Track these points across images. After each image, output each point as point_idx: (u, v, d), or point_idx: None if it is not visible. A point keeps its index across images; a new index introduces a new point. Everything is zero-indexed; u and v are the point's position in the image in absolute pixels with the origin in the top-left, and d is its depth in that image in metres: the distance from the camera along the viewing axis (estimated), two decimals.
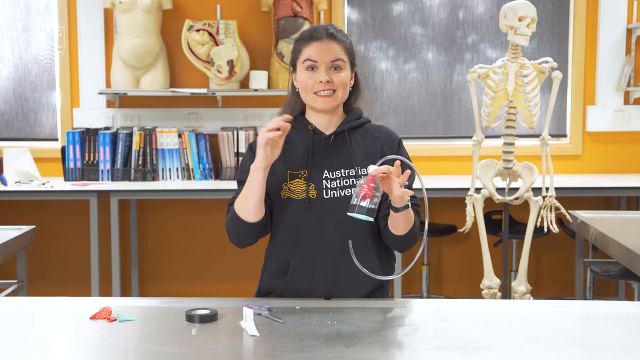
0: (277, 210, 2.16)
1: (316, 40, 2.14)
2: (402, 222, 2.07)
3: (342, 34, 2.19)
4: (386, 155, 2.07)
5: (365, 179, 1.94)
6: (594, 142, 4.83)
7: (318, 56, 2.13)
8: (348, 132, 2.21)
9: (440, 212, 4.78)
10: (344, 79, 2.15)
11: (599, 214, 3.65)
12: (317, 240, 2.13)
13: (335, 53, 2.13)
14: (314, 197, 2.14)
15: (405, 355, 1.74)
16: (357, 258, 1.99)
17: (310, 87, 2.14)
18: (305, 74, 2.14)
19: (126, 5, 4.43)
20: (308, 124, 2.21)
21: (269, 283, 2.22)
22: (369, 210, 1.92)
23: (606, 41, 4.75)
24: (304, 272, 2.15)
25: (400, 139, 2.26)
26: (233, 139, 4.55)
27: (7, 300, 2.22)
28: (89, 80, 4.72)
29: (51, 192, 4.25)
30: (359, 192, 1.92)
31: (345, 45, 2.17)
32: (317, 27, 2.18)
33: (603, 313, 2.03)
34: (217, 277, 4.88)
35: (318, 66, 2.13)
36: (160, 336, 1.84)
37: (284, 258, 2.17)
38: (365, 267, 2.03)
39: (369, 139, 2.22)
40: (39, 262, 4.75)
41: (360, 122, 2.23)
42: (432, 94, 4.89)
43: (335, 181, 2.15)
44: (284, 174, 2.16)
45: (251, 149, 2.19)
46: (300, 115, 2.23)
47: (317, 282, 2.15)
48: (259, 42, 4.70)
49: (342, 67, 2.14)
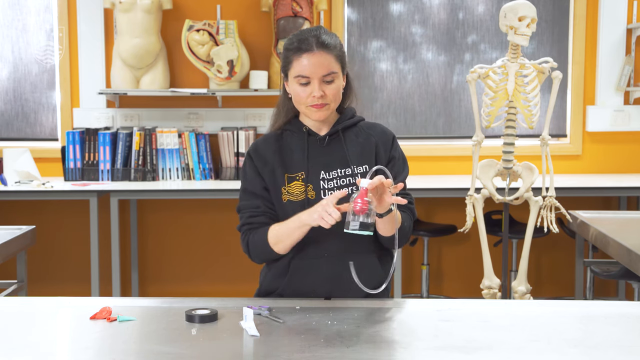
0: (280, 213, 2.17)
1: (306, 52, 2.10)
2: (387, 225, 2.08)
3: (332, 39, 2.14)
4: (380, 153, 2.17)
5: (357, 193, 1.93)
6: (594, 142, 4.83)
7: (310, 71, 2.10)
8: (342, 132, 2.21)
9: (440, 212, 4.78)
10: (336, 90, 2.14)
11: (599, 214, 3.65)
12: (317, 241, 2.14)
13: (327, 66, 2.11)
14: (312, 198, 2.14)
15: (405, 355, 1.74)
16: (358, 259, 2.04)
17: (303, 100, 2.13)
18: (298, 87, 2.13)
19: (126, 5, 4.43)
20: (302, 126, 2.22)
21: (269, 283, 2.22)
22: (366, 225, 1.92)
23: (606, 41, 4.75)
24: (304, 272, 2.16)
25: (394, 135, 2.27)
26: (233, 139, 4.55)
27: (7, 300, 2.22)
28: (89, 80, 4.72)
29: (51, 192, 4.25)
30: (354, 207, 1.92)
31: (336, 53, 2.13)
32: (307, 35, 2.13)
33: (603, 313, 2.03)
34: (217, 277, 4.88)
35: (310, 81, 2.11)
36: (160, 336, 1.85)
37: (284, 259, 2.18)
38: (366, 268, 2.08)
39: (363, 137, 2.23)
40: (39, 262, 4.75)
41: (353, 121, 2.24)
42: (432, 94, 4.89)
43: (333, 181, 2.16)
44: (282, 177, 2.17)
45: (249, 156, 2.21)
46: (295, 118, 2.24)
47: (318, 282, 2.16)
48: (259, 42, 4.70)
49: (335, 78, 2.13)
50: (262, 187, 2.18)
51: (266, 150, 2.20)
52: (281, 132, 2.24)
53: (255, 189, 2.19)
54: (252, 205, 2.18)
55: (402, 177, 2.22)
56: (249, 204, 2.19)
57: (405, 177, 2.23)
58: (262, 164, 2.19)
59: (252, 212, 2.18)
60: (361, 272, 2.02)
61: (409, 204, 2.20)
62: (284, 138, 2.22)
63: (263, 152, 2.20)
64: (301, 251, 2.15)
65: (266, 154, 2.20)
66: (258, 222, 2.17)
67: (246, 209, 2.19)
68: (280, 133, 2.24)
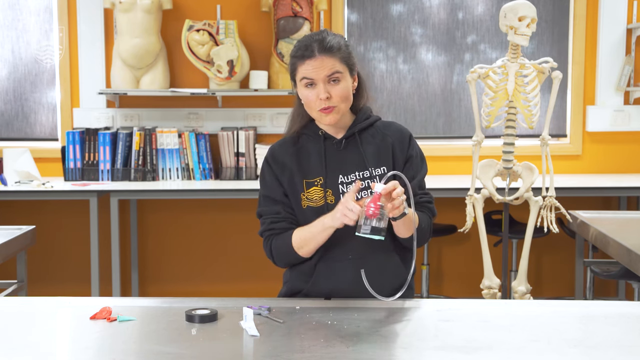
0: (300, 219, 2.18)
1: (309, 58, 2.11)
2: (402, 228, 2.09)
3: (337, 42, 2.14)
4: (397, 153, 2.19)
5: (371, 197, 1.94)
6: (594, 142, 4.83)
7: (313, 74, 2.11)
8: (358, 134, 2.21)
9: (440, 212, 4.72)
10: (343, 90, 2.13)
11: (599, 214, 3.65)
12: (342, 243, 2.14)
13: (330, 68, 2.11)
14: (332, 203, 2.15)
15: (405, 355, 1.74)
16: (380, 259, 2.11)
17: (312, 104, 2.14)
18: (305, 90, 2.14)
19: (126, 5, 4.43)
20: (318, 130, 2.22)
21: (294, 284, 2.24)
22: (377, 230, 1.92)
23: (606, 41, 4.75)
24: (329, 274, 2.18)
25: (410, 133, 2.27)
26: (233, 139, 4.55)
27: (7, 300, 2.22)
28: (89, 80, 4.72)
29: (51, 192, 4.25)
30: (366, 211, 1.92)
31: (340, 55, 2.13)
32: (310, 42, 2.13)
33: (603, 313, 2.03)
34: (217, 277, 4.88)
35: (315, 82, 2.12)
36: (160, 336, 1.85)
37: (310, 261, 2.19)
38: (388, 266, 2.14)
39: (380, 138, 2.22)
40: (39, 262, 4.75)
41: (369, 121, 2.23)
42: (432, 94, 4.89)
43: (351, 185, 2.16)
44: (301, 184, 2.18)
45: (267, 162, 2.23)
46: (311, 122, 2.24)
47: (343, 283, 2.17)
48: (259, 42, 4.70)
49: (340, 78, 2.13)
50: (282, 193, 2.20)
51: (284, 155, 2.21)
52: (297, 136, 2.24)
53: (275, 195, 2.20)
54: (273, 212, 2.20)
55: (421, 176, 2.23)
56: (269, 209, 2.21)
57: (424, 175, 2.24)
58: (280, 170, 2.20)
59: (273, 218, 2.20)
60: (383, 272, 2.03)
61: (427, 203, 2.22)
62: (301, 142, 2.22)
63: (281, 158, 2.21)
64: (326, 252, 2.16)
65: (284, 159, 2.21)
66: (280, 228, 2.19)
67: (267, 215, 2.21)
68: (297, 137, 2.24)
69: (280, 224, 2.19)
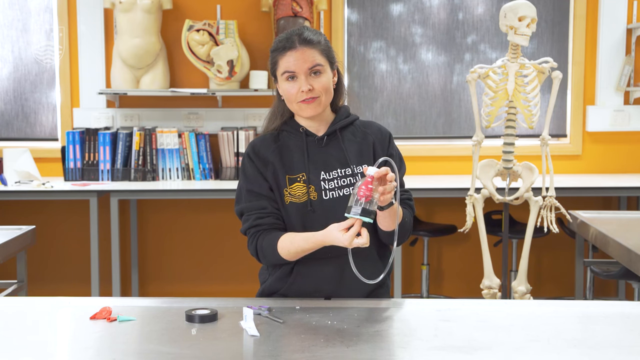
0: (283, 215, 2.17)
1: (290, 49, 2.12)
2: (387, 219, 2.08)
3: (317, 35, 2.16)
4: (378, 151, 2.19)
5: (363, 180, 1.93)
6: (594, 142, 4.83)
7: (295, 66, 2.11)
8: (340, 132, 2.21)
9: (440, 212, 4.78)
10: (325, 83, 2.14)
11: (599, 214, 3.65)
12: None
13: (311, 59, 2.12)
14: (315, 199, 2.14)
15: (405, 355, 1.74)
16: (358, 255, 2.03)
17: (293, 97, 2.13)
18: (287, 84, 2.14)
19: (126, 5, 4.43)
20: (299, 127, 2.21)
21: (272, 284, 2.22)
22: (368, 212, 1.91)
23: (606, 41, 4.75)
24: (308, 272, 2.16)
25: (390, 133, 2.28)
26: (233, 139, 4.55)
27: (7, 300, 2.22)
28: (89, 80, 4.72)
29: (51, 192, 4.25)
30: (357, 193, 1.92)
31: (320, 48, 2.14)
32: (290, 35, 2.15)
33: (603, 313, 2.03)
34: (217, 277, 4.88)
35: (297, 75, 2.12)
36: (160, 336, 1.85)
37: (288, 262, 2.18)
38: (366, 263, 2.09)
39: (360, 136, 2.23)
40: (39, 262, 4.75)
41: (349, 120, 2.24)
42: (432, 94, 4.89)
43: (333, 182, 2.16)
44: (284, 179, 2.17)
45: (249, 157, 2.20)
46: (291, 119, 2.23)
47: (322, 282, 2.16)
48: (259, 42, 4.70)
49: (322, 70, 2.13)
50: (267, 188, 2.17)
51: (266, 151, 2.19)
52: (278, 133, 2.23)
53: (260, 190, 2.17)
54: (259, 207, 2.16)
55: (400, 175, 2.23)
56: (253, 205, 2.16)
57: (402, 174, 2.24)
58: (263, 165, 2.18)
59: (259, 213, 2.16)
60: (361, 268, 2.01)
61: (408, 200, 2.23)
62: (281, 139, 2.21)
63: (263, 153, 2.19)
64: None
65: (266, 154, 2.19)
66: (267, 224, 2.15)
67: (252, 210, 2.16)
68: (277, 134, 2.23)
69: (267, 220, 2.15)
